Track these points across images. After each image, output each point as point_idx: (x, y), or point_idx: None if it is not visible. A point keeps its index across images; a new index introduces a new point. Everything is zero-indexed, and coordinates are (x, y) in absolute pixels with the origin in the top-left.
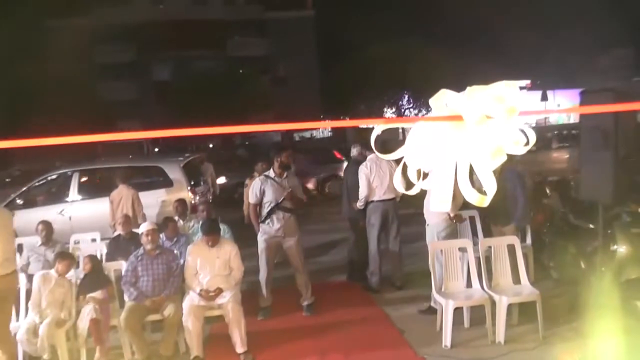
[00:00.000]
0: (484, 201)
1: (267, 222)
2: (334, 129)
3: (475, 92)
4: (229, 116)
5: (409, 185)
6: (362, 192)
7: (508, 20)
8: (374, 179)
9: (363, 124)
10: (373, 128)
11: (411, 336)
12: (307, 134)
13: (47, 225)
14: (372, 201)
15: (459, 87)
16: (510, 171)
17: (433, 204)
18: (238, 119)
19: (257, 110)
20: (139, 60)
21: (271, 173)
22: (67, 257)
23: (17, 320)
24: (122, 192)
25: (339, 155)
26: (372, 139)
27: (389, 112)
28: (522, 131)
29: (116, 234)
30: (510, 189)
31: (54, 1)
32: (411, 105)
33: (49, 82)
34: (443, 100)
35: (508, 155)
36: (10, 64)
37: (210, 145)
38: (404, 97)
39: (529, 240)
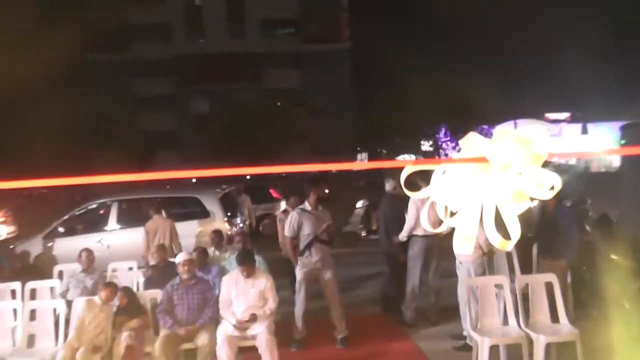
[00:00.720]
0: (507, 245)
1: (305, 254)
2: (371, 162)
3: (502, 136)
4: (265, 148)
5: (435, 222)
6: (409, 223)
7: (547, 51)
8: (423, 213)
9: (389, 166)
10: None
11: None
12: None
13: (89, 253)
14: (416, 235)
15: (497, 120)
16: (564, 205)
17: (456, 245)
18: (274, 151)
19: (293, 142)
20: (177, 93)
21: (307, 206)
22: (111, 286)
23: (57, 344)
24: (158, 222)
25: (275, 195)
26: (402, 178)
27: (426, 145)
28: (547, 175)
29: (152, 263)
30: (564, 224)
31: (96, 37)
32: (448, 138)
33: (91, 115)
34: (471, 142)
35: (557, 190)
36: (54, 99)
37: (248, 177)
38: (442, 130)
39: (568, 278)
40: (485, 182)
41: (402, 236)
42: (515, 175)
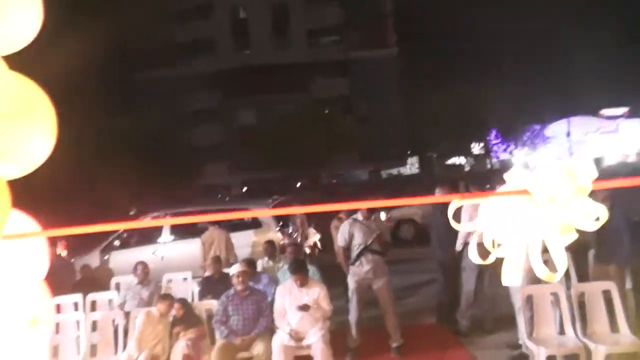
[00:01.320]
0: (554, 278)
1: (356, 264)
2: (421, 165)
3: (546, 169)
4: (314, 157)
5: (483, 255)
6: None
7: (605, 45)
8: None
9: (437, 200)
10: (459, 165)
11: None
12: (394, 171)
13: (144, 266)
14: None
15: (550, 119)
16: (617, 207)
17: (504, 276)
18: (323, 159)
19: (341, 150)
20: (224, 105)
21: (359, 216)
22: (167, 298)
23: (116, 354)
24: (214, 233)
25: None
26: (450, 213)
27: (476, 148)
28: (593, 206)
29: (207, 274)
30: (618, 227)
31: (142, 55)
32: (499, 140)
33: (139, 132)
34: (515, 175)
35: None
36: (108, 118)
37: (298, 185)
38: (492, 133)
39: (628, 284)
40: (530, 215)
41: (458, 245)
42: (560, 208)
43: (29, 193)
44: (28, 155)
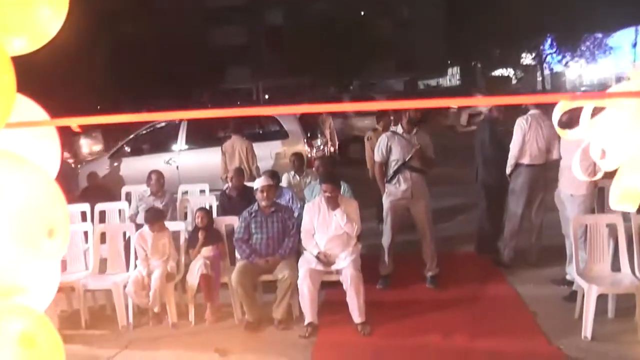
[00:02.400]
0: None
1: (393, 182)
2: (463, 76)
3: None
4: (345, 64)
5: (589, 170)
6: (514, 151)
7: None
8: (530, 138)
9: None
10: (507, 77)
11: (545, 322)
12: (432, 82)
13: (159, 176)
14: (521, 164)
15: (614, 27)
16: None
17: (614, 200)
18: (356, 66)
19: (377, 57)
20: (251, 4)
21: (399, 129)
22: (159, 219)
23: (127, 269)
24: (236, 143)
25: None
26: (555, 115)
27: (527, 58)
28: None
29: (227, 187)
30: None
31: None
32: (554, 50)
33: (160, 32)
34: None
35: None
36: (125, 14)
37: (328, 91)
38: (547, 40)
39: None
40: None
41: (509, 166)
42: None
43: (36, 79)
44: (37, 27)
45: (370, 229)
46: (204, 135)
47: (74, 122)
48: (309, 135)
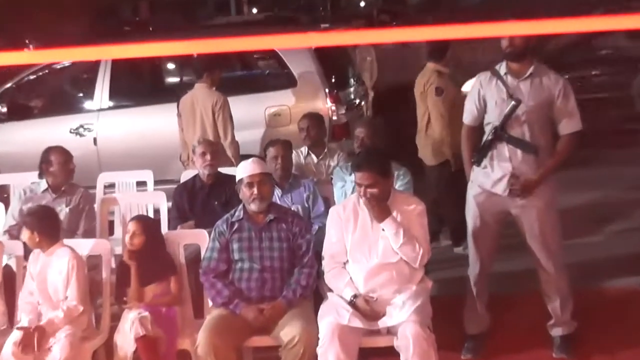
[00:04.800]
0: None
1: (483, 163)
2: None
3: None
4: None
5: None
6: None
7: None
8: None
9: None
10: None
11: None
12: None
13: (62, 157)
14: None
15: None
16: None
17: None
18: None
19: None
20: None
21: (503, 67)
22: (51, 228)
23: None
24: (199, 96)
25: None
26: None
27: None
28: None
29: (187, 174)
30: None
31: None
32: None
33: None
34: None
35: None
36: None
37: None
38: None
39: None
40: None
41: None
42: None
43: None
44: None
45: (441, 250)
46: (143, 83)
47: None
48: (333, 81)
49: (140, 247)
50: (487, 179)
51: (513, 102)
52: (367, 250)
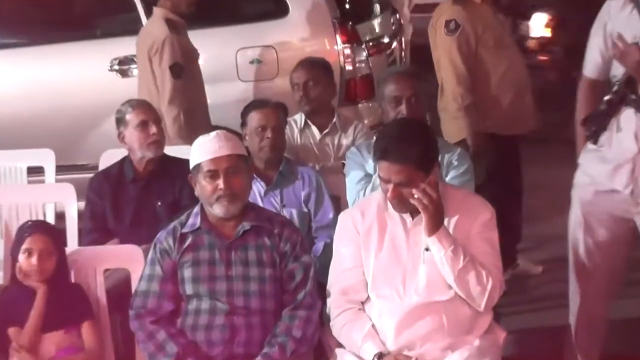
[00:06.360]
0: None
1: (601, 141)
2: None
3: None
4: None
5: None
6: None
7: None
8: None
9: None
10: None
11: None
12: None
13: None
14: None
15: None
16: None
17: None
18: None
19: None
20: None
21: None
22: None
23: None
24: (140, 35)
25: None
26: None
27: None
28: None
29: (109, 156)
30: None
31: None
32: None
33: None
34: None
35: None
36: None
37: None
38: None
39: None
40: None
41: None
42: None
43: None
44: None
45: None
46: (41, 8)
47: None
48: (347, 7)
49: (40, 272)
50: (602, 166)
51: None
52: (400, 282)
